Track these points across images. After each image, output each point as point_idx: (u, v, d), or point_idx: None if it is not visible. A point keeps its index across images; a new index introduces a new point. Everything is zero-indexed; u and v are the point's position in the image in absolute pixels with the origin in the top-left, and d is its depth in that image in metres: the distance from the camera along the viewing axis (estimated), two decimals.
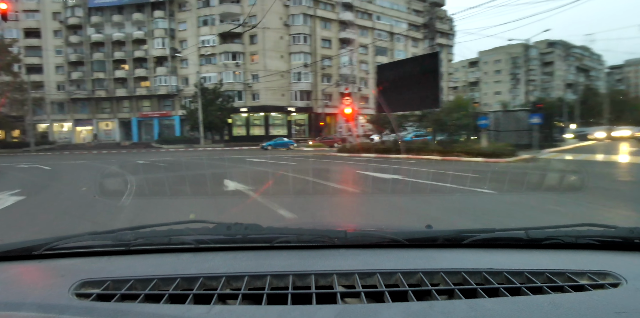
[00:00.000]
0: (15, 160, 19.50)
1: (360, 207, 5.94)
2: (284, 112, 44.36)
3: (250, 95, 44.09)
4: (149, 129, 48.19)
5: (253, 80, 43.81)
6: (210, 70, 44.39)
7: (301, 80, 44.56)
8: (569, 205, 5.52)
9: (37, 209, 5.88)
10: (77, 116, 49.54)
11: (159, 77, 46.40)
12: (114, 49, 48.08)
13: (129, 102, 48.45)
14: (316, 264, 0.97)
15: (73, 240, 1.08)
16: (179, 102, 45.70)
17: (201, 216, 3.88)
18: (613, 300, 0.78)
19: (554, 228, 1.17)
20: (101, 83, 48.46)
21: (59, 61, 48.80)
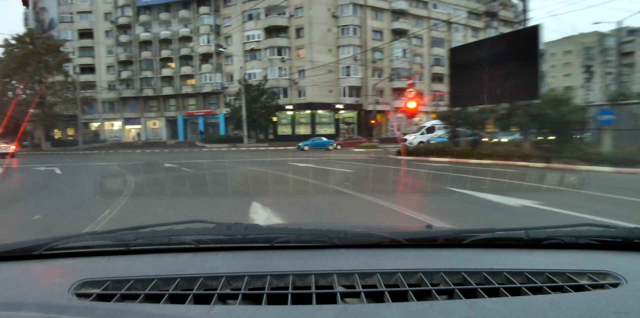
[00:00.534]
0: (46, 160, 18.37)
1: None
2: (331, 110, 41.61)
3: (296, 92, 41.76)
4: (194, 128, 47.39)
5: (299, 75, 41.42)
6: (255, 66, 42.55)
7: (350, 75, 41.55)
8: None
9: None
10: (127, 115, 49.85)
11: (204, 75, 45.34)
12: (161, 47, 47.71)
13: (175, 100, 47.93)
14: (316, 264, 0.97)
15: (73, 240, 1.08)
16: (224, 99, 44.36)
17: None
18: (613, 300, 0.78)
19: (554, 228, 1.17)
20: (149, 81, 48.32)
21: (110, 61, 49.29)
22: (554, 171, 10.24)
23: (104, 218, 4.83)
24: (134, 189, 6.77)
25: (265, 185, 8.00)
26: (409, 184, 8.17)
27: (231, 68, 44.59)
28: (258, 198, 5.77)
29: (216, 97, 45.78)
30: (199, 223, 1.20)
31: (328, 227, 1.24)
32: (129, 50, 48.92)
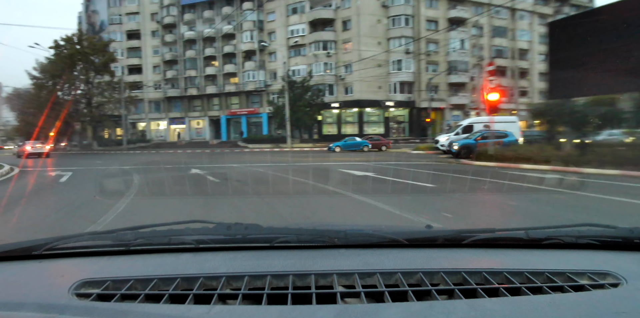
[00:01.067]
0: (76, 162, 17.14)
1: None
2: (380, 107, 38.52)
3: (342, 89, 39.09)
4: (237, 127, 46.12)
5: (346, 71, 38.70)
6: (299, 63, 40.36)
7: (402, 70, 38.24)
8: None
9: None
10: (172, 115, 49.62)
11: (247, 73, 43.85)
12: (205, 46, 46.89)
13: (218, 99, 46.94)
14: (316, 264, 0.96)
15: (73, 240, 1.08)
16: (267, 98, 42.61)
17: None
18: (613, 300, 0.78)
19: (554, 228, 1.17)
20: (193, 81, 47.69)
21: (156, 61, 49.25)
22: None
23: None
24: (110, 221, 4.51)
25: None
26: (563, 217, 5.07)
27: (274, 65, 42.73)
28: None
29: (259, 96, 44.16)
30: (199, 223, 1.19)
31: (328, 227, 1.24)
32: (174, 50, 48.61)
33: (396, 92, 38.51)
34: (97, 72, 40.39)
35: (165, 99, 49.30)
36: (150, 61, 49.41)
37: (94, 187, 8.14)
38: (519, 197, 6.70)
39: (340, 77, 38.80)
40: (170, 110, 49.81)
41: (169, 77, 48.62)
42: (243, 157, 20.30)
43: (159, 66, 49.48)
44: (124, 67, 50.00)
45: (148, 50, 49.54)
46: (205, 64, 47.05)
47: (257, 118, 44.41)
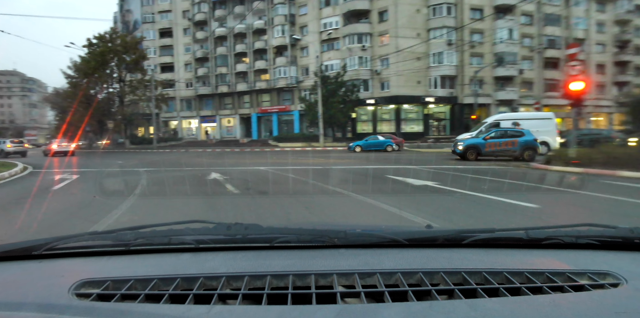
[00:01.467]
0: (94, 162, 16.06)
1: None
2: (419, 104, 35.93)
3: (378, 84, 36.78)
4: (268, 125, 44.81)
5: (382, 65, 36.35)
6: (332, 57, 38.37)
7: (443, 63, 35.45)
8: None
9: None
10: (203, 113, 49.01)
11: (278, 69, 42.34)
12: (236, 42, 45.82)
13: (249, 97, 45.78)
14: (316, 264, 0.97)
15: (73, 240, 1.08)
16: (298, 94, 40.93)
17: None
18: (613, 300, 0.78)
19: (554, 228, 1.18)
20: (224, 78, 46.77)
21: (187, 58, 48.75)
22: None
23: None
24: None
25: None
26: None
27: (306, 60, 40.97)
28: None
29: (290, 93, 42.57)
30: (199, 223, 1.19)
31: (328, 227, 1.23)
32: (205, 47, 47.91)
33: (437, 86, 35.77)
34: (128, 70, 40.12)
35: (196, 96, 48.72)
36: (182, 59, 48.94)
37: (80, 201, 6.50)
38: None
39: (376, 72, 36.49)
40: (201, 108, 49.21)
41: (200, 74, 47.98)
42: (273, 158, 18.57)
43: (190, 64, 48.97)
44: (157, 65, 49.95)
45: (180, 48, 49.11)
46: (236, 60, 46.01)
47: (288, 116, 42.86)
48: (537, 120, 18.34)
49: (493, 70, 35.80)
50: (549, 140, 17.71)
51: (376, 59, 36.49)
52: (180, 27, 49.52)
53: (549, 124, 18.28)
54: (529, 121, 18.03)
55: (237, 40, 45.93)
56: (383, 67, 36.26)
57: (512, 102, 36.65)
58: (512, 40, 36.37)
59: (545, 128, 17.78)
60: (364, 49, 36.81)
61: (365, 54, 36.91)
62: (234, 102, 46.96)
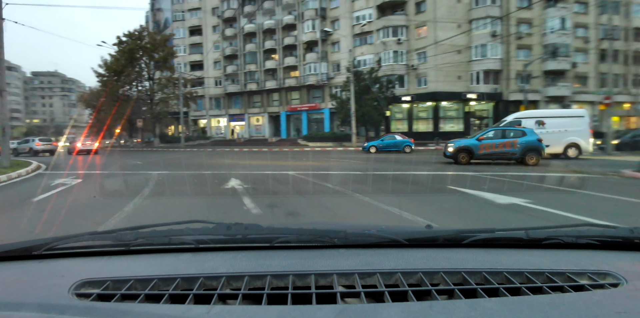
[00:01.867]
0: (109, 162, 14.84)
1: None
2: (459, 101, 33.32)
3: (414, 80, 34.44)
4: (298, 124, 43.29)
5: (419, 60, 33.98)
6: (366, 52, 36.33)
7: (486, 56, 32.69)
8: None
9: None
10: (231, 111, 48.15)
11: (308, 65, 40.69)
12: (265, 38, 44.55)
13: (278, 94, 44.41)
14: (316, 264, 0.97)
15: (73, 240, 1.08)
16: (329, 92, 39.14)
17: None
18: (613, 300, 0.78)
19: (554, 228, 1.18)
20: (252, 75, 45.63)
21: (216, 56, 47.96)
22: None
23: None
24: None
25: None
26: None
27: (338, 56, 39.11)
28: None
29: (321, 90, 40.86)
30: (199, 223, 1.19)
31: (328, 227, 1.24)
32: (234, 44, 46.97)
33: (479, 82, 33.05)
34: (157, 67, 39.61)
35: (225, 95, 47.87)
36: (211, 57, 48.20)
37: (62, 215, 4.96)
38: None
39: (412, 67, 34.15)
40: (230, 106, 48.33)
41: (228, 72, 47.09)
42: (302, 159, 16.84)
43: (219, 61, 48.20)
44: (186, 63, 49.55)
45: (209, 46, 48.40)
46: (265, 57, 44.74)
47: (318, 114, 41.16)
48: (567, 119, 15.88)
49: (542, 63, 32.69)
50: (580, 141, 15.32)
51: (412, 53, 34.18)
52: (209, 24, 48.85)
53: (581, 122, 15.67)
54: (556, 119, 15.64)
55: (266, 36, 44.67)
56: (420, 62, 33.90)
57: (564, 99, 33.39)
58: (564, 31, 33.07)
59: (576, 127, 15.38)
60: (400, 43, 34.55)
61: (401, 48, 34.65)
62: (263, 100, 45.75)
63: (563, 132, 14.66)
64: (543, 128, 15.31)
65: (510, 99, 32.17)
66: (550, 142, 14.51)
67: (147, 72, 39.74)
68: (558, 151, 15.46)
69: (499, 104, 33.13)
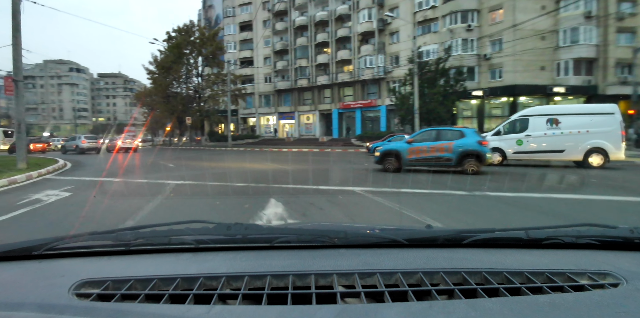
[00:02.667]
0: (135, 162, 12.66)
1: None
2: (543, 95, 28.46)
3: (486, 72, 30.01)
4: (351, 122, 40.12)
5: (492, 48, 29.51)
6: (429, 41, 32.35)
7: (578, 42, 27.56)
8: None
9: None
10: (281, 109, 46.01)
11: (363, 58, 37.36)
12: (317, 31, 41.82)
13: (330, 91, 41.52)
14: (316, 264, 0.97)
15: (73, 240, 1.08)
16: (386, 87, 35.59)
17: None
18: (613, 300, 0.78)
19: (554, 228, 1.18)
20: (303, 71, 43.10)
21: (267, 52, 46.07)
22: None
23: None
24: None
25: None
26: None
27: (396, 47, 35.43)
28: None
29: (376, 85, 37.39)
30: (199, 223, 1.19)
31: (328, 227, 1.24)
32: (285, 39, 44.78)
33: (568, 73, 27.97)
34: (206, 63, 38.22)
35: (275, 92, 45.81)
36: (261, 52, 46.36)
37: None
38: None
39: (485, 57, 29.74)
40: (279, 104, 46.21)
41: (278, 68, 44.95)
42: (364, 165, 13.69)
43: (269, 57, 46.24)
44: (237, 60, 48.21)
45: (259, 41, 46.57)
46: (317, 51, 42.02)
47: (373, 111, 37.72)
48: (590, 116, 12.27)
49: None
50: (606, 145, 11.90)
51: (485, 41, 29.73)
52: (259, 19, 47.02)
53: (610, 121, 12.06)
54: (575, 117, 12.30)
55: (318, 29, 41.91)
56: (494, 51, 29.41)
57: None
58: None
59: (602, 127, 11.99)
60: (470, 29, 30.24)
61: (471, 36, 30.32)
62: (314, 97, 43.08)
63: (584, 133, 11.75)
64: (557, 128, 12.32)
65: (608, 93, 26.84)
66: (566, 146, 12.12)
67: (195, 68, 38.48)
68: (577, 158, 12.26)
69: (591, 99, 27.79)
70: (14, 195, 6.92)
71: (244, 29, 48.58)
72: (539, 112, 13.10)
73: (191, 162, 16.07)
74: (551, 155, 12.47)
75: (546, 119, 12.53)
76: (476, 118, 30.91)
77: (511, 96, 28.77)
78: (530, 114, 13.10)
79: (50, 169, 11.69)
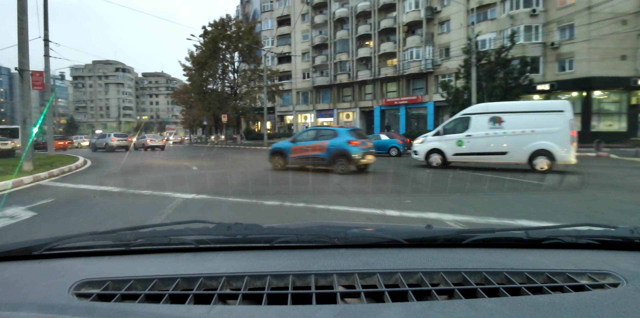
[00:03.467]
0: (152, 162, 10.85)
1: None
2: (624, 89, 24.50)
3: (554, 63, 26.32)
4: (394, 120, 37.30)
5: (562, 36, 25.79)
6: (485, 30, 28.93)
7: None
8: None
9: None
10: (319, 106, 43.88)
11: (409, 51, 34.44)
12: (358, 23, 39.27)
13: (372, 87, 38.87)
14: (316, 264, 0.97)
15: (73, 240, 1.08)
16: (434, 82, 32.54)
17: None
18: (613, 300, 0.78)
19: (554, 228, 1.18)
20: (343, 66, 40.71)
21: (305, 47, 44.08)
22: None
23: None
24: None
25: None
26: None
27: (447, 37, 32.26)
28: None
29: (423, 80, 34.36)
30: (199, 223, 1.19)
31: (328, 227, 1.23)
32: (324, 32, 42.55)
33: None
34: (242, 58, 36.68)
35: (313, 88, 43.73)
36: (299, 47, 44.43)
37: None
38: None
39: (552, 45, 26.04)
40: (318, 101, 44.10)
41: (317, 63, 42.81)
42: (419, 175, 11.14)
43: (307, 52, 44.21)
44: (274, 56, 46.64)
45: (297, 36, 44.68)
46: (358, 44, 39.48)
47: (419, 108, 34.73)
48: (537, 115, 11.07)
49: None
50: (553, 147, 10.63)
51: (552, 27, 26.03)
52: (298, 12, 45.01)
53: (558, 120, 10.70)
54: (520, 116, 11.21)
55: (360, 21, 39.36)
56: (563, 39, 25.68)
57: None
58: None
59: (549, 127, 10.70)
60: (534, 15, 26.62)
61: (536, 22, 26.69)
62: (354, 94, 40.59)
63: (528, 133, 10.80)
64: (499, 128, 11.31)
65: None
66: (509, 147, 11.12)
67: (231, 63, 37.06)
68: (521, 161, 11.01)
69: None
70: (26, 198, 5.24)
71: (282, 24, 46.84)
72: (481, 110, 11.89)
73: (218, 163, 14.24)
74: (493, 157, 11.35)
75: (489, 117, 11.43)
76: None
77: (584, 90, 24.95)
78: (472, 112, 12.02)
79: (56, 171, 10.15)
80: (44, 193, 6.99)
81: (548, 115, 10.88)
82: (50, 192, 7.25)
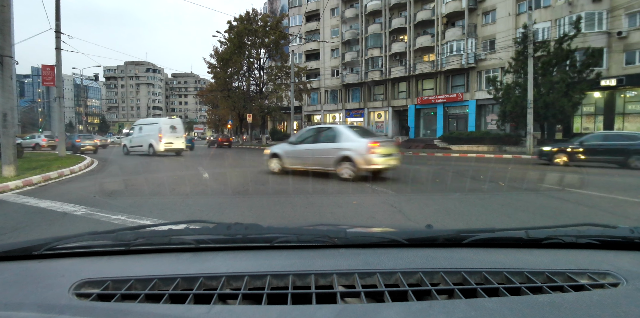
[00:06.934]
0: (162, 166, 8.94)
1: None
2: None
3: (620, 55, 23.00)
4: (430, 121, 34.56)
5: (631, 24, 22.48)
6: (539, 19, 25.81)
7: None
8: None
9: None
10: (348, 105, 41.60)
11: (448, 44, 31.65)
12: (392, 16, 36.70)
13: (405, 84, 36.23)
14: (316, 264, 0.97)
15: (73, 240, 1.08)
16: (476, 78, 29.66)
17: None
18: (613, 300, 0.78)
19: (554, 227, 1.18)
20: (375, 62, 38.23)
21: (334, 43, 41.84)
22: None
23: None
24: None
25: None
26: None
27: (491, 29, 29.30)
28: None
29: (464, 76, 31.49)
30: (199, 223, 1.19)
31: (328, 227, 1.24)
32: (355, 27, 40.20)
33: None
34: (268, 54, 34.89)
35: (342, 86, 41.49)
36: (329, 44, 42.28)
37: None
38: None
39: (619, 35, 22.74)
40: (347, 100, 41.82)
41: (347, 60, 40.53)
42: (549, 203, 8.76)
43: (336, 49, 42.00)
44: (302, 53, 44.73)
45: (326, 32, 42.55)
46: (392, 39, 36.92)
47: (459, 107, 31.85)
48: (147, 126, 17.11)
49: None
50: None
51: (620, 13, 22.72)
52: (327, 7, 42.91)
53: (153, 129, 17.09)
54: (145, 127, 17.34)
55: (394, 13, 36.80)
56: (632, 27, 22.35)
57: None
58: None
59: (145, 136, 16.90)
60: (597, 0, 23.37)
61: (599, 8, 23.43)
62: (387, 92, 38.05)
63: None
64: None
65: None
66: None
67: (257, 59, 35.34)
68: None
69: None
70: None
71: (310, 20, 44.83)
72: (141, 123, 15.35)
73: (233, 170, 12.26)
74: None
75: (139, 126, 15.13)
76: (602, 115, 23.93)
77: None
78: (137, 124, 16.93)
79: (36, 179, 8.31)
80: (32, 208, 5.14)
81: (150, 126, 15.81)
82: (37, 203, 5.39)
